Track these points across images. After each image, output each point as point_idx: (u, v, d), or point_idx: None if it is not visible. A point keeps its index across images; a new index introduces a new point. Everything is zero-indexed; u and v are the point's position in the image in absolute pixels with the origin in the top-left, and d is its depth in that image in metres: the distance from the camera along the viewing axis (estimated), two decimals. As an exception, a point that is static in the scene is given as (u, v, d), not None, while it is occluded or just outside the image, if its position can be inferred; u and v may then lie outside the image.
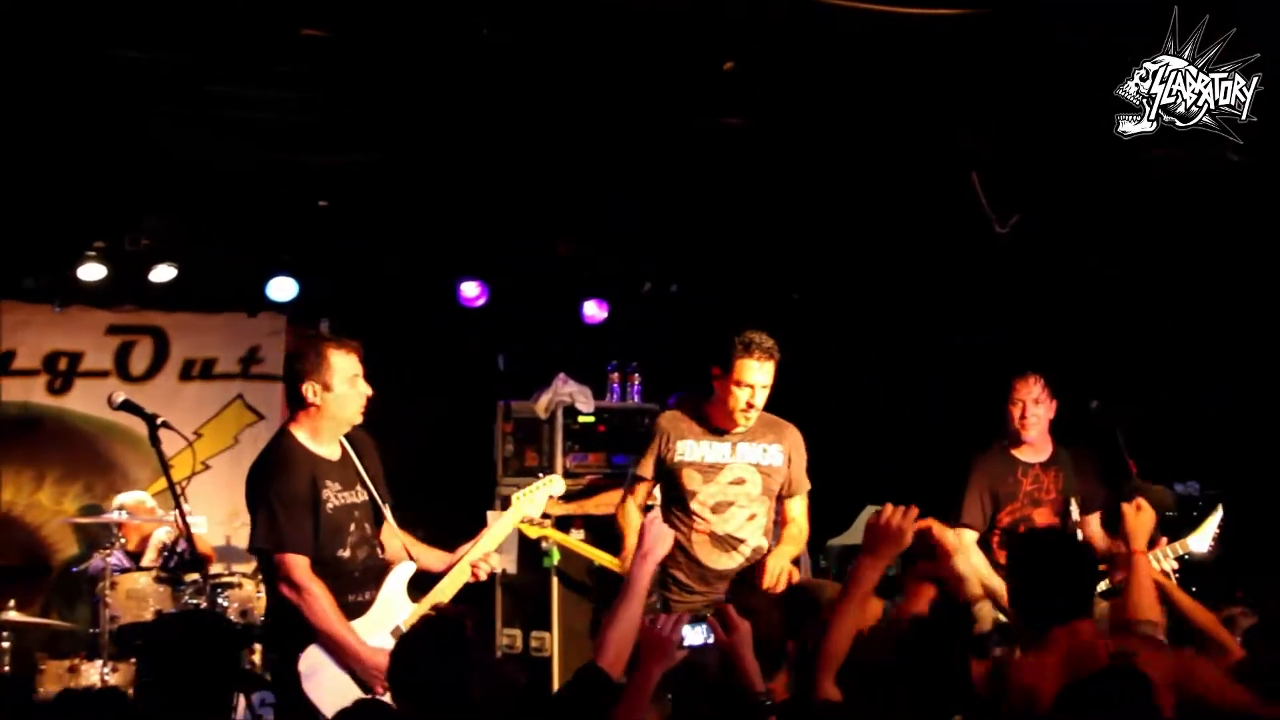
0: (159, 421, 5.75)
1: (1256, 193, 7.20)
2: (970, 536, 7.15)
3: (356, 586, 5.66)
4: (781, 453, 6.61)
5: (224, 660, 4.01)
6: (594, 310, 10.53)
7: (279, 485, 5.52)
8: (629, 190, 8.88)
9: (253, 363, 10.37)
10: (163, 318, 10.13)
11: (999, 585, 6.98)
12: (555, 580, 9.36)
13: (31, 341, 9.81)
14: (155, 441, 5.75)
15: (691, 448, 6.58)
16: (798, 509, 6.67)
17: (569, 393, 9.77)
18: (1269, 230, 7.75)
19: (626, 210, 9.11)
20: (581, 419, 9.83)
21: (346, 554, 5.64)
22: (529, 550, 9.37)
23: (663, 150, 8.14)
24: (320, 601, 5.44)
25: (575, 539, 8.94)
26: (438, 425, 10.59)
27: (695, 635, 4.36)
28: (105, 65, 6.78)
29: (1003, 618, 6.08)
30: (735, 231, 9.47)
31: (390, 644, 5.61)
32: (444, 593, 5.93)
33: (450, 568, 6.01)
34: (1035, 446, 7.29)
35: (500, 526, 6.28)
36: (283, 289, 9.80)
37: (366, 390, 5.70)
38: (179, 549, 8.70)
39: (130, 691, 7.86)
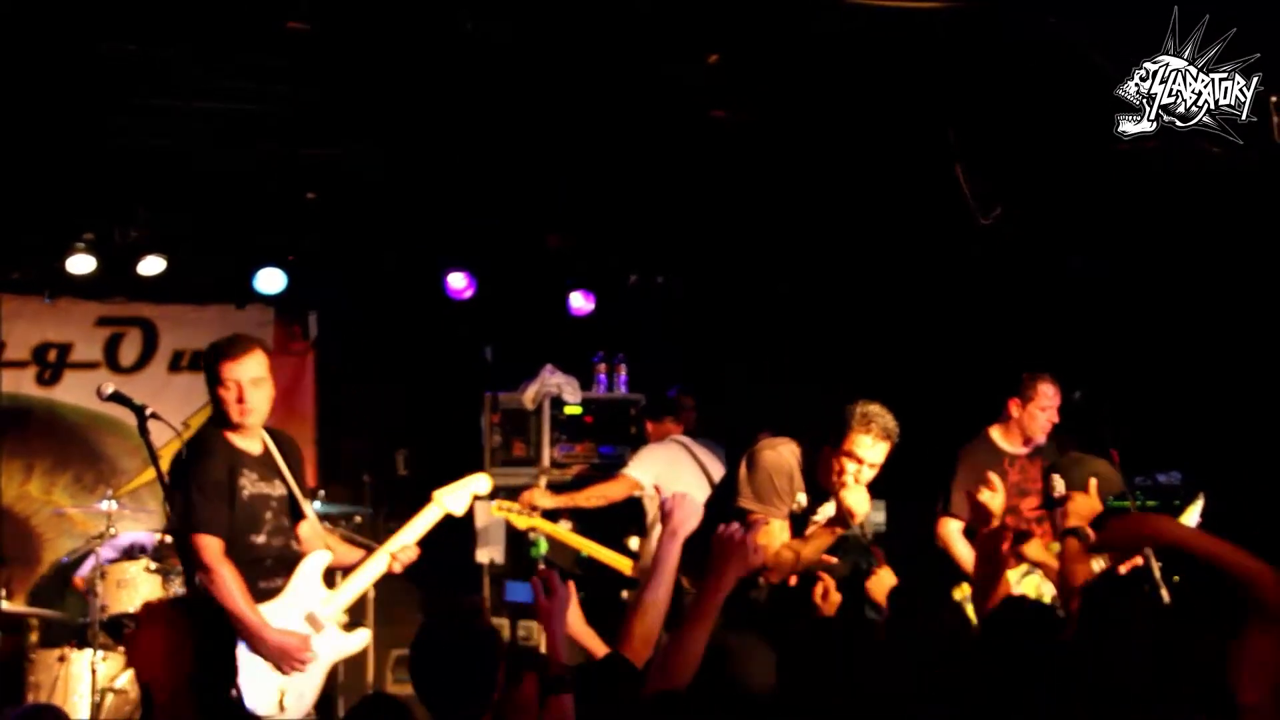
0: (148, 413, 5.75)
1: (1240, 185, 7.24)
2: (956, 527, 7.21)
3: (270, 573, 5.86)
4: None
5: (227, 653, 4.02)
6: (581, 302, 10.56)
7: (197, 471, 5.75)
8: (615, 182, 8.91)
9: (241, 354, 10.38)
10: (152, 309, 10.15)
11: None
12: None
13: (21, 333, 9.82)
14: (144, 432, 5.75)
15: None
16: None
17: (556, 384, 9.81)
18: (1253, 221, 7.79)
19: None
20: (568, 410, 9.87)
21: (261, 540, 5.84)
22: (516, 540, 9.41)
23: (649, 142, 8.17)
24: (229, 583, 5.62)
25: (563, 529, 8.99)
26: (425, 416, 10.64)
27: (521, 591, 4.38)
28: (93, 58, 6.79)
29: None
30: (722, 223, 9.50)
31: (303, 629, 5.76)
32: (360, 582, 6.07)
33: (366, 558, 6.13)
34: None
35: (420, 521, 6.37)
36: (271, 281, 9.82)
37: (266, 390, 5.98)
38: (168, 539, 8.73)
39: (115, 683, 7.92)
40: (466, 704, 3.97)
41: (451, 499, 6.47)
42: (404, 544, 6.20)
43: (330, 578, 6.15)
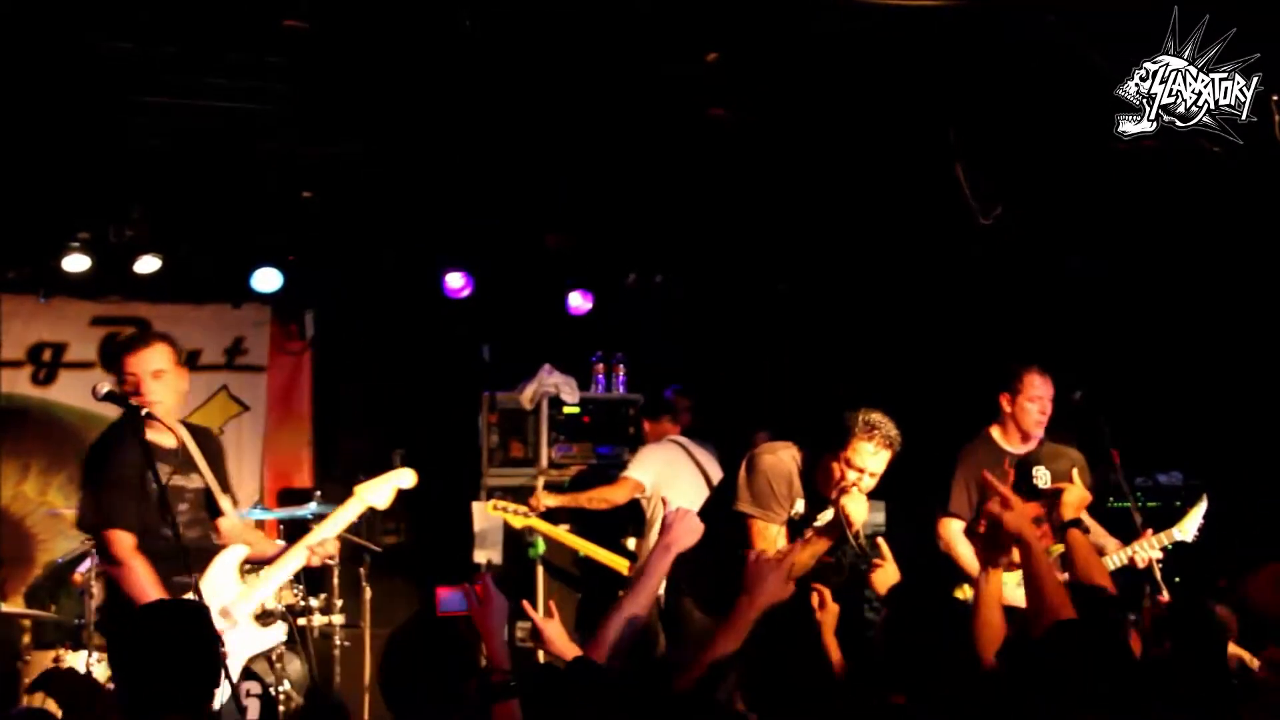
0: (143, 413, 5.75)
1: (1240, 183, 7.22)
2: (957, 527, 7.17)
3: (184, 567, 5.78)
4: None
5: (206, 651, 3.96)
6: (579, 301, 10.53)
7: (107, 465, 5.82)
8: (614, 181, 8.88)
9: (237, 354, 10.37)
10: (147, 309, 10.10)
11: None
12: (540, 570, 9.38)
13: (16, 332, 9.79)
14: (139, 433, 5.75)
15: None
16: None
17: (554, 383, 9.79)
18: (1253, 220, 7.78)
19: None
20: (566, 410, 9.85)
21: (176, 534, 5.75)
22: (514, 540, 9.38)
23: (648, 141, 8.14)
24: (140, 576, 5.65)
25: (561, 530, 8.96)
26: (422, 416, 10.61)
27: (453, 602, 4.37)
28: (89, 56, 6.76)
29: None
30: (721, 223, 9.48)
31: (218, 623, 5.71)
32: (276, 577, 6.08)
33: (284, 552, 6.13)
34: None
35: (340, 515, 6.38)
36: (267, 280, 9.79)
37: (170, 383, 5.92)
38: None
39: (110, 685, 7.87)
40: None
41: (373, 493, 6.48)
42: (323, 538, 6.25)
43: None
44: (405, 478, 6.61)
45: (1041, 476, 7.09)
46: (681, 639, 6.56)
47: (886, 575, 5.73)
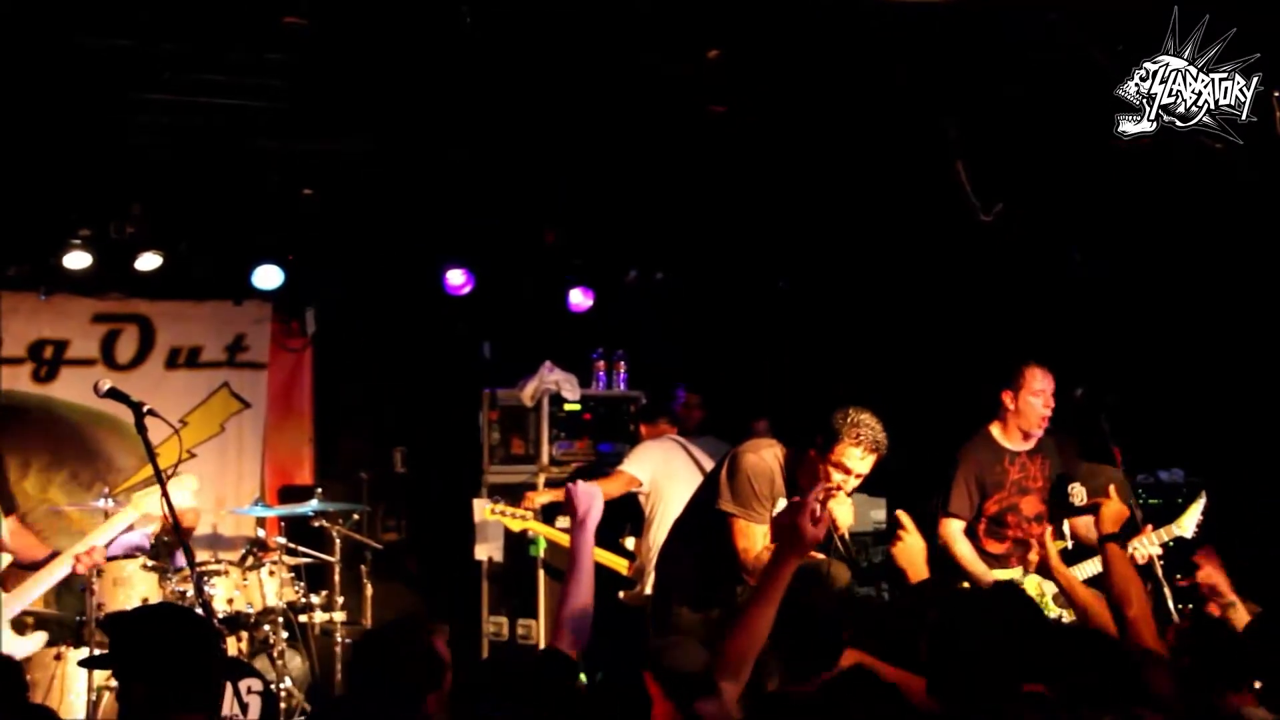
0: (145, 409, 5.74)
1: (1241, 181, 7.22)
2: (958, 526, 7.18)
3: None
4: None
5: (205, 654, 3.95)
6: (579, 298, 10.53)
7: None
8: (614, 178, 8.88)
9: (239, 351, 10.36)
10: (148, 306, 10.10)
11: (982, 571, 7.06)
12: (541, 569, 9.39)
13: (17, 330, 9.77)
14: (141, 429, 5.74)
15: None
16: None
17: (555, 380, 9.79)
18: (1254, 218, 7.78)
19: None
20: (567, 407, 9.85)
21: None
22: (515, 539, 9.39)
23: (648, 138, 8.14)
24: None
25: (558, 531, 8.95)
26: (423, 413, 10.61)
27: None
28: (90, 53, 6.76)
29: None
30: (721, 219, 9.48)
31: None
32: (39, 585, 6.06)
33: (50, 561, 6.10)
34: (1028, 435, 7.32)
35: (110, 525, 6.39)
36: (268, 277, 9.78)
37: None
38: (165, 537, 8.70)
39: (112, 682, 7.87)
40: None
41: (147, 500, 6.46)
42: (90, 545, 6.21)
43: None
44: (186, 484, 6.58)
45: (1077, 493, 7.10)
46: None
47: (909, 548, 5.67)
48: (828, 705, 3.74)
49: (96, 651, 7.83)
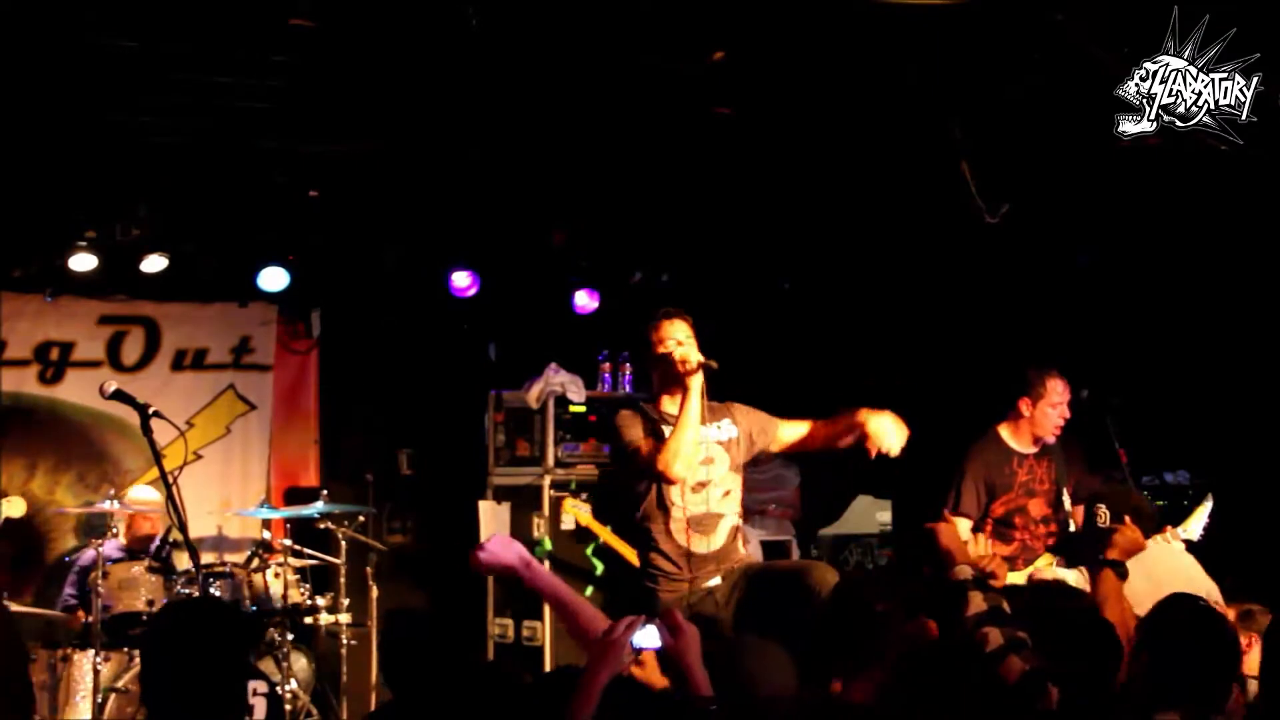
0: (151, 411, 5.74)
1: (1246, 181, 7.21)
2: (965, 525, 7.18)
3: None
4: (734, 425, 6.54)
5: (237, 651, 3.94)
6: (585, 300, 10.52)
7: None
8: (620, 179, 8.88)
9: (244, 353, 10.36)
10: (154, 308, 10.11)
11: (963, 557, 7.05)
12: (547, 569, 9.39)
13: (23, 331, 9.78)
14: (147, 431, 5.75)
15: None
16: (795, 425, 6.61)
17: (560, 382, 9.79)
18: (1259, 218, 7.77)
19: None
20: (573, 409, 9.86)
21: None
22: (520, 539, 9.37)
23: (653, 139, 8.14)
24: None
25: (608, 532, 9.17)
26: (428, 415, 10.61)
27: (646, 638, 4.33)
28: (95, 54, 6.76)
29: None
30: (726, 221, 9.47)
31: None
32: None
33: None
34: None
35: None
36: (274, 279, 9.78)
37: None
38: (170, 538, 8.72)
39: (117, 684, 7.88)
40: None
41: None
42: None
43: None
44: (14, 506, 6.65)
45: (1102, 515, 7.10)
46: None
47: (1128, 540, 5.78)
48: None
49: (103, 654, 7.87)
